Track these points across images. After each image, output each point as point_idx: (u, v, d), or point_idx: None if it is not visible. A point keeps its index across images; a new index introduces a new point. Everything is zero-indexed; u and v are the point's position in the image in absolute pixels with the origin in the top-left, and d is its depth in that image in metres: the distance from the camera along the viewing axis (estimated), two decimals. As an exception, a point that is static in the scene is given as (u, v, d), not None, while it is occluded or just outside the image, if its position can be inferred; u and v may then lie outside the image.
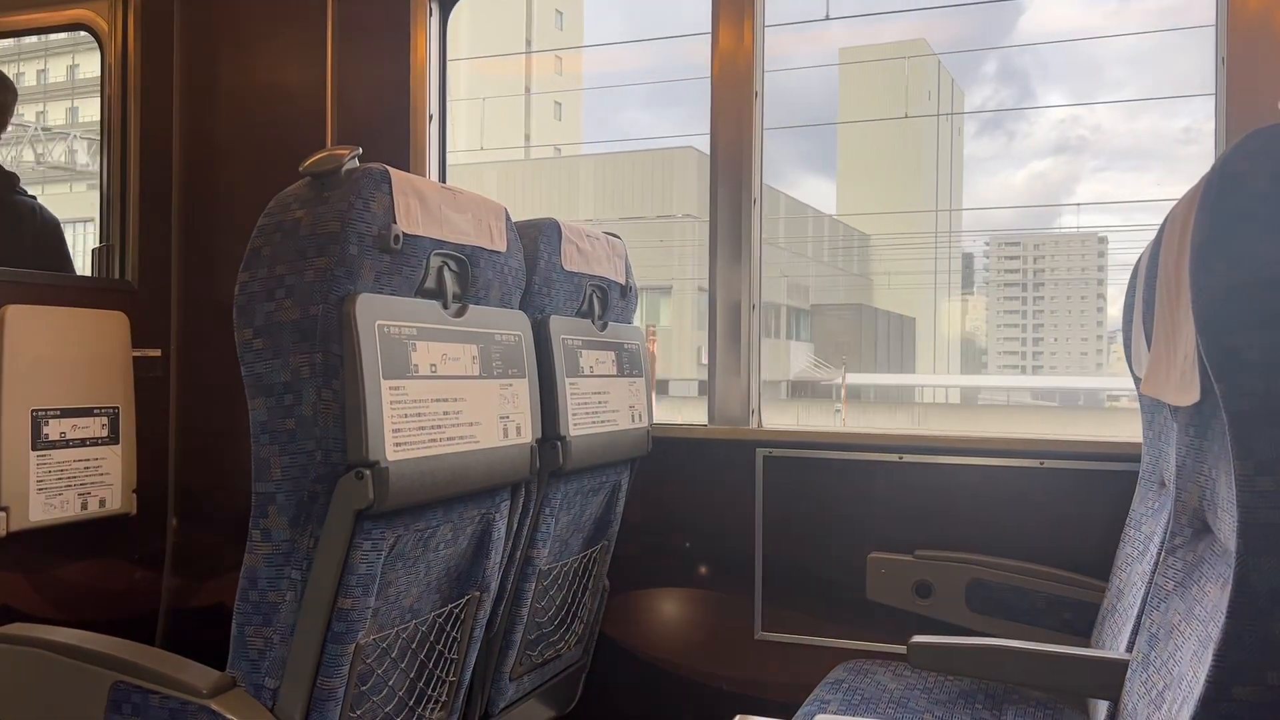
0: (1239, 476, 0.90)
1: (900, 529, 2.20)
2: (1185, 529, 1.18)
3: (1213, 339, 0.93)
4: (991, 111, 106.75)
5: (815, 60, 42.86)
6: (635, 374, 2.18)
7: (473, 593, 1.66)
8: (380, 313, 1.36)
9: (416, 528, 1.46)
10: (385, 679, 1.51)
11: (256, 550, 1.36)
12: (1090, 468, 2.08)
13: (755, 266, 2.43)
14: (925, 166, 43.82)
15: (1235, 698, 0.90)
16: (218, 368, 2.53)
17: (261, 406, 1.35)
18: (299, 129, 2.61)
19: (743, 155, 2.41)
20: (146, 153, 2.60)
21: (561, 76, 33.01)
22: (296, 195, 1.37)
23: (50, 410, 2.15)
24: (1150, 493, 1.66)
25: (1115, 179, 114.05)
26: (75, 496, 2.21)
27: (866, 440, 2.26)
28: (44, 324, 2.16)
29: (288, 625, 1.35)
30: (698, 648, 2.35)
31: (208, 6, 2.67)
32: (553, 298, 1.88)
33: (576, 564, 2.08)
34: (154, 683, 1.38)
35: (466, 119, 25.83)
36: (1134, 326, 1.64)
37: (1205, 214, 0.95)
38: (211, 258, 2.64)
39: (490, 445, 1.57)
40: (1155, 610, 1.22)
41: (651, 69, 41.69)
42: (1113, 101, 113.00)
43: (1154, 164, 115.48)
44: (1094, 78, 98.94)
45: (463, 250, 1.54)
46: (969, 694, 1.82)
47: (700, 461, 2.36)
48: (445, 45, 2.65)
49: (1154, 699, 1.13)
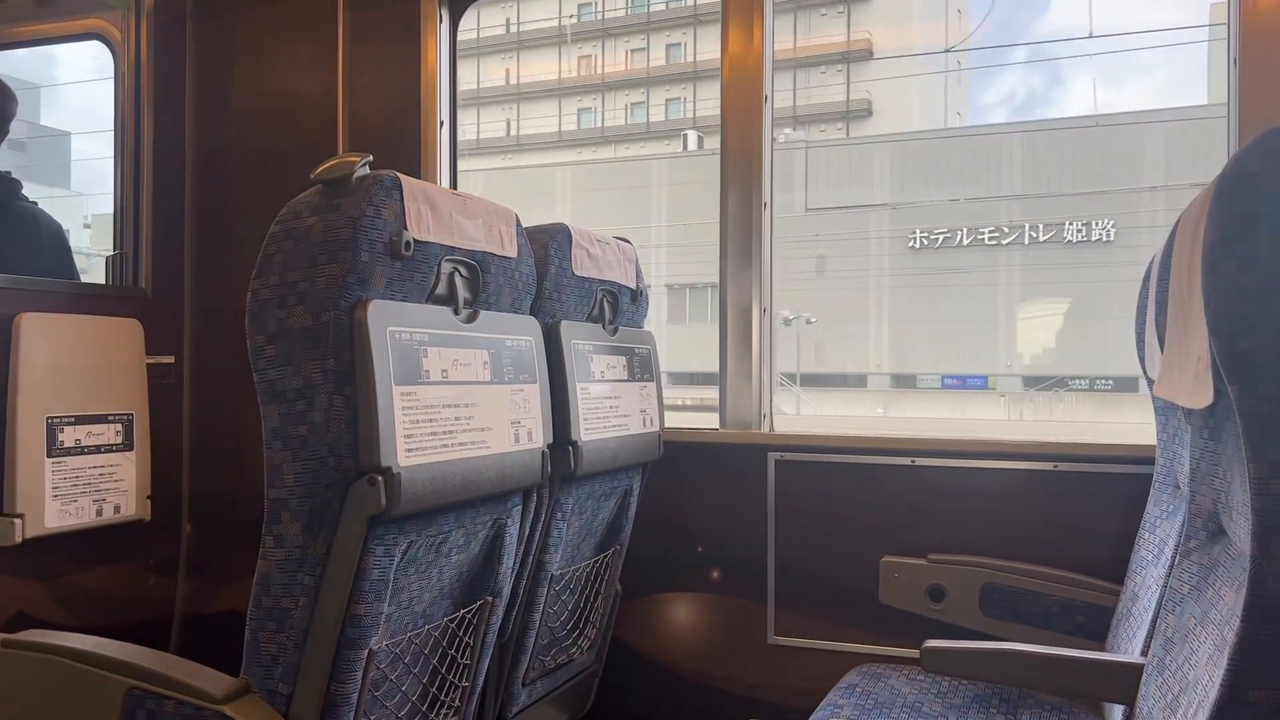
0: (1253, 479, 0.90)
1: (913, 533, 2.19)
2: (1200, 532, 1.17)
3: (1225, 341, 0.93)
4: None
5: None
6: (646, 378, 2.18)
7: (485, 598, 1.66)
8: (392, 319, 1.37)
9: (429, 533, 1.46)
10: (398, 684, 1.52)
11: (270, 556, 1.36)
12: (1104, 470, 2.07)
13: (766, 269, 2.43)
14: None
15: (1251, 701, 0.89)
16: (231, 374, 2.54)
17: (274, 413, 1.35)
18: (310, 136, 2.62)
19: (753, 158, 2.41)
20: (159, 161, 2.61)
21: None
22: (308, 202, 1.37)
23: (65, 417, 2.16)
24: (1165, 496, 1.65)
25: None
26: (90, 503, 2.22)
27: (878, 444, 2.25)
28: (58, 332, 2.17)
29: (301, 631, 1.36)
30: (710, 652, 2.35)
31: (219, 15, 2.69)
32: (563, 303, 1.89)
33: (589, 569, 2.08)
34: (168, 688, 1.38)
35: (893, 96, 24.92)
36: (1147, 329, 1.63)
37: (1217, 215, 0.94)
38: (224, 265, 2.66)
39: (502, 450, 1.57)
40: (1170, 614, 1.21)
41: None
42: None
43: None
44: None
45: (473, 256, 1.55)
46: (983, 698, 1.82)
47: (712, 466, 2.36)
48: (455, 51, 2.66)
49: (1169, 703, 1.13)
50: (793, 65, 24.86)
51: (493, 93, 27.97)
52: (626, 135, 27.15)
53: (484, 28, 27.58)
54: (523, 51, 28.06)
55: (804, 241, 19.55)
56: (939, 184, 19.47)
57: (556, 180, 22.38)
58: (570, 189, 21.79)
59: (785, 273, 19.99)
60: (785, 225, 21.67)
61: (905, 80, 25.07)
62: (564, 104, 27.93)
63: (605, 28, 27.52)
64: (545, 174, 23.07)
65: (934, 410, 18.52)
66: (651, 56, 27.25)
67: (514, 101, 28.25)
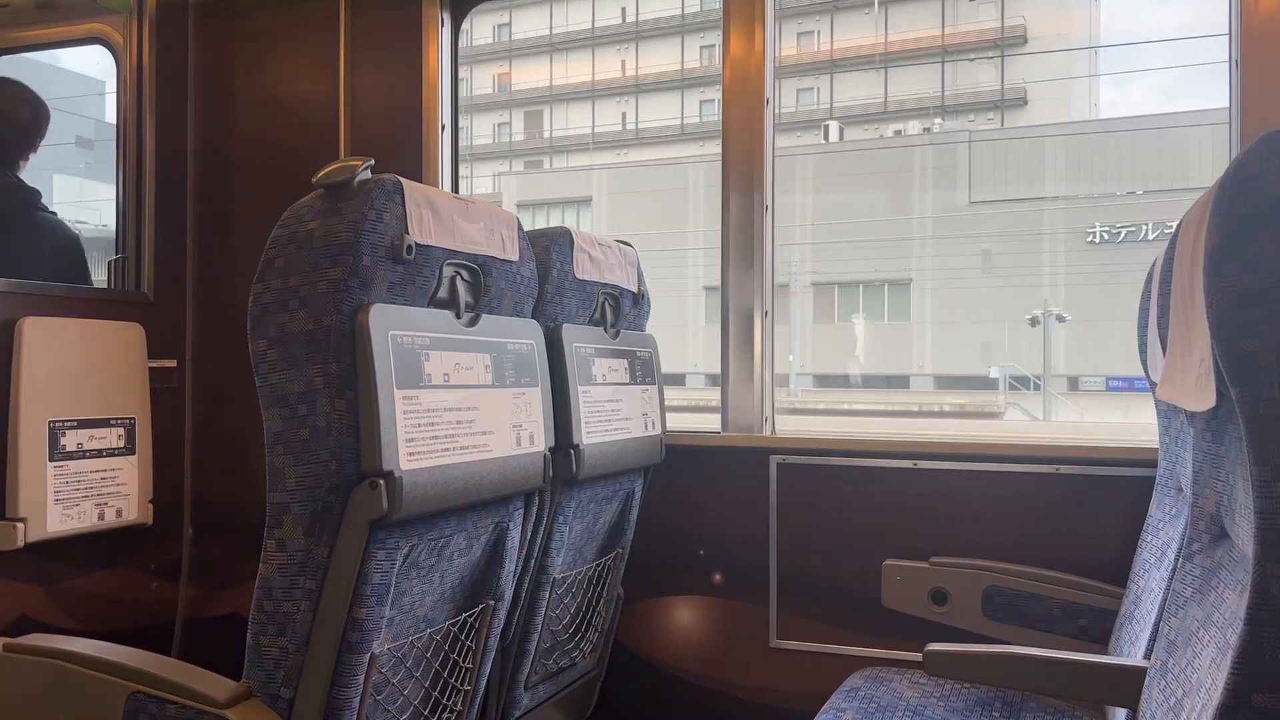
0: (1256, 482, 0.90)
1: (915, 536, 2.19)
2: (1203, 535, 1.17)
3: (1228, 344, 0.93)
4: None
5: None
6: (648, 381, 2.18)
7: (487, 602, 1.66)
8: (393, 323, 1.37)
9: (430, 537, 1.46)
10: (400, 688, 1.51)
11: (271, 560, 1.36)
12: (1106, 473, 2.07)
13: (767, 273, 2.43)
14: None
15: (1255, 705, 0.89)
16: (233, 378, 2.55)
17: (276, 417, 1.35)
18: (312, 140, 2.63)
19: (754, 161, 2.41)
20: (162, 165, 2.62)
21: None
22: (310, 207, 1.37)
23: (67, 421, 2.17)
24: (1167, 498, 1.65)
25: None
26: (92, 507, 2.22)
27: (881, 447, 2.25)
28: (61, 336, 2.17)
29: (302, 635, 1.36)
30: (713, 656, 2.35)
31: (221, 20, 2.70)
32: (565, 306, 1.89)
33: (590, 572, 2.07)
34: (170, 693, 1.38)
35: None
36: (1149, 332, 1.63)
37: (1219, 218, 0.94)
38: (226, 269, 2.66)
39: (503, 454, 1.57)
40: (1173, 617, 1.21)
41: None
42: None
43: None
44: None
45: (475, 260, 1.55)
46: (986, 701, 1.81)
47: (714, 469, 2.36)
48: (456, 55, 2.67)
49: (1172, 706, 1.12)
50: (940, 54, 24.25)
51: (608, 84, 27.60)
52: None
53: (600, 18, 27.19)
54: (641, 42, 27.66)
55: (967, 238, 19.13)
56: (1116, 177, 18.79)
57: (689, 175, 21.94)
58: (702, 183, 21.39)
59: (944, 269, 19.48)
60: (946, 222, 20.70)
61: (1060, 70, 24.35)
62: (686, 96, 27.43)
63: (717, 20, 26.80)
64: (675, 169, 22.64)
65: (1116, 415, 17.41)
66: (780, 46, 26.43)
67: (632, 94, 27.96)
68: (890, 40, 25.10)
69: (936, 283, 20.37)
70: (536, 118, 29.11)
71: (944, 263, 20.16)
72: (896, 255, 20.60)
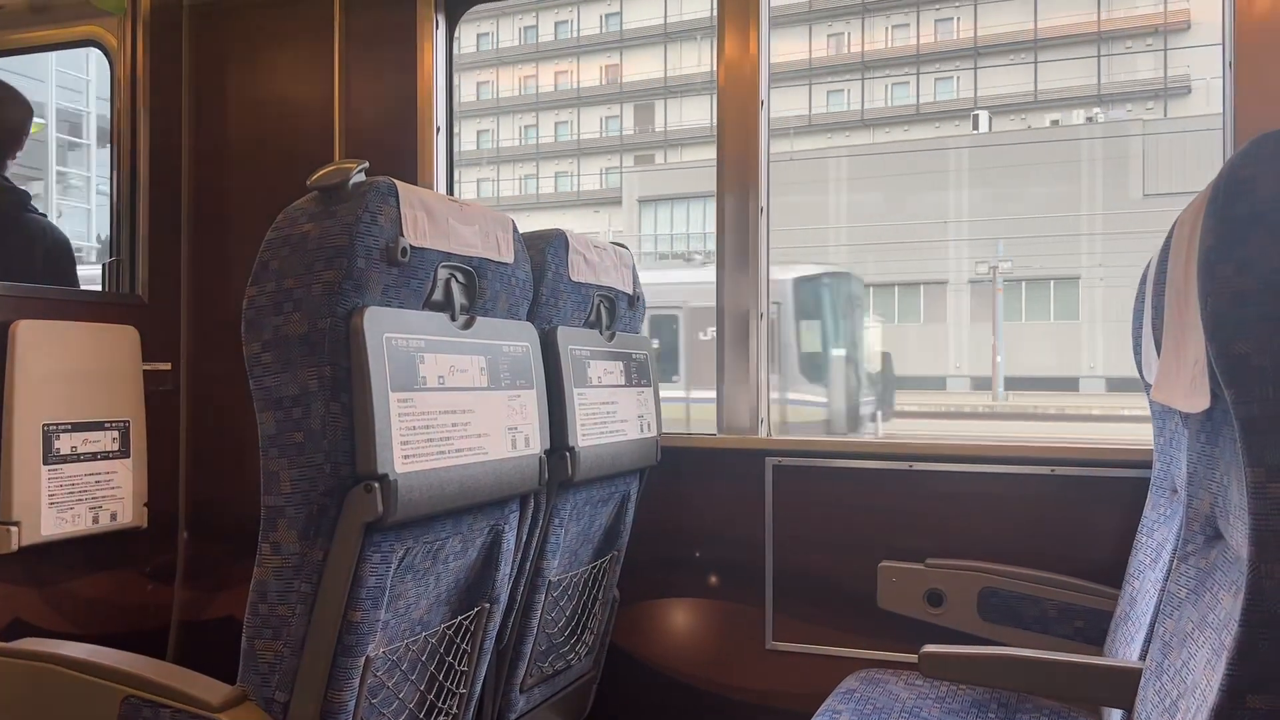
0: (1250, 483, 0.90)
1: (911, 538, 2.19)
2: (1197, 536, 1.17)
3: (1222, 345, 0.93)
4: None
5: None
6: (644, 383, 2.18)
7: (482, 604, 1.66)
8: (388, 325, 1.36)
9: (426, 540, 1.46)
10: (395, 692, 1.51)
11: (266, 563, 1.36)
12: (1101, 475, 2.07)
13: (763, 275, 2.43)
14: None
15: (1249, 706, 0.89)
16: (228, 381, 2.54)
17: (270, 420, 1.35)
18: (307, 143, 2.62)
19: (749, 163, 2.42)
20: (156, 167, 2.61)
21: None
22: (304, 209, 1.37)
23: (61, 424, 2.16)
24: (1162, 500, 1.65)
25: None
26: (86, 510, 2.21)
27: (876, 449, 2.26)
28: (55, 338, 2.17)
29: (297, 638, 1.35)
30: (709, 658, 2.35)
31: (216, 22, 2.69)
32: (560, 308, 1.89)
33: (586, 574, 2.07)
34: (165, 697, 1.38)
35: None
36: (1143, 333, 1.64)
37: (1213, 219, 0.94)
38: (221, 271, 2.65)
39: (499, 457, 1.57)
40: (1168, 618, 1.21)
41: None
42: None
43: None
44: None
45: (470, 262, 1.55)
46: (981, 703, 1.81)
47: (710, 471, 2.36)
48: (451, 57, 2.67)
49: (1168, 708, 1.12)
50: (1095, 39, 23.64)
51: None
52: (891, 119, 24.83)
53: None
54: (773, 29, 26.68)
55: (1141, 234, 18.62)
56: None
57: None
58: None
59: (1116, 266, 19.06)
60: (1115, 219, 19.99)
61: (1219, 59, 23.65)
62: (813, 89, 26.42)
63: (865, 3, 24.91)
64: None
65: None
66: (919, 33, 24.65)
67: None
68: (1040, 27, 24.10)
69: (1107, 280, 19.74)
70: (647, 111, 28.24)
71: (1115, 259, 19.67)
72: (1063, 251, 20.05)
